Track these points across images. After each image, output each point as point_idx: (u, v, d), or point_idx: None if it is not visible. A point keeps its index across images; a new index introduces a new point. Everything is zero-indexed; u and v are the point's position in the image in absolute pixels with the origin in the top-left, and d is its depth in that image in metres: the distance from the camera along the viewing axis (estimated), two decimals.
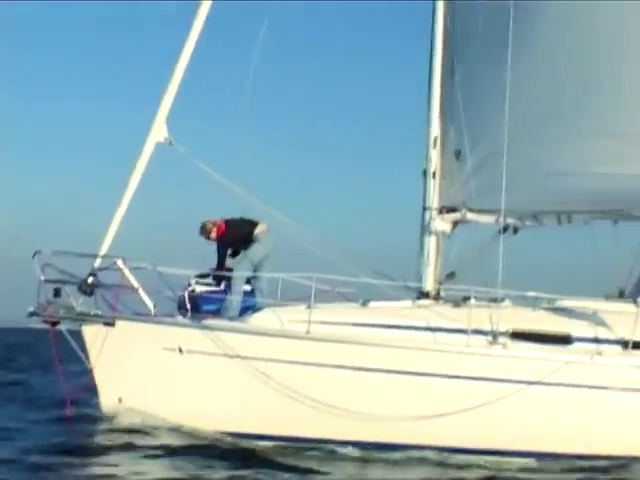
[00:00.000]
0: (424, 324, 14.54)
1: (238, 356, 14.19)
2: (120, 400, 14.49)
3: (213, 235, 15.45)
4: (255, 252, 15.34)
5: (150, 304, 14.62)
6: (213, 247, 15.58)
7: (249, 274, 15.24)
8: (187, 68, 15.18)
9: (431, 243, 16.00)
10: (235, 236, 15.40)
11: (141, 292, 14.63)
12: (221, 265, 15.31)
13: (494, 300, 15.00)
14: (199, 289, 15.05)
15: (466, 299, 15.24)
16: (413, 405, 14.09)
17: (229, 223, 15.51)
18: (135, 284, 14.62)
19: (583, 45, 15.43)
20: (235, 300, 14.95)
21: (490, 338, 14.46)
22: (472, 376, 14.14)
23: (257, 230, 15.43)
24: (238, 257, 15.41)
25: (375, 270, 15.80)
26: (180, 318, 14.61)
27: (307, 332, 14.13)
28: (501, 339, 14.44)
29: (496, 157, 15.32)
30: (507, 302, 15.26)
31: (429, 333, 14.48)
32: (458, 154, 15.94)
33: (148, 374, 14.41)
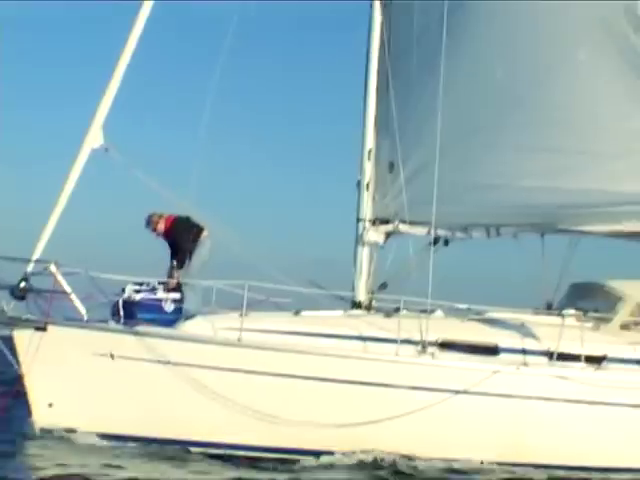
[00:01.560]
0: (355, 333, 14.73)
1: (169, 362, 14.28)
2: (51, 405, 14.51)
3: (160, 227, 15.55)
4: (201, 257, 15.48)
5: (82, 309, 14.66)
6: (150, 251, 15.61)
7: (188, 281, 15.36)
8: (126, 71, 15.17)
9: (364, 254, 16.25)
10: (183, 234, 15.50)
11: (73, 297, 14.67)
12: (176, 255, 15.42)
13: (425, 311, 15.25)
14: (136, 296, 15.12)
15: (397, 309, 15.50)
16: (344, 413, 14.26)
17: (179, 219, 15.60)
18: (68, 289, 14.65)
19: (506, 61, 15.76)
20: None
21: (419, 348, 14.70)
22: (401, 385, 14.36)
23: (204, 234, 15.58)
24: (187, 265, 15.48)
25: (309, 279, 16.00)
26: (112, 323, 14.68)
27: (239, 339, 14.26)
28: (430, 349, 14.69)
29: (427, 169, 15.58)
30: (439, 313, 15.52)
31: (359, 342, 14.68)
32: (391, 166, 16.18)
33: (80, 379, 14.43)
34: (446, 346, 14.79)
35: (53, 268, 14.66)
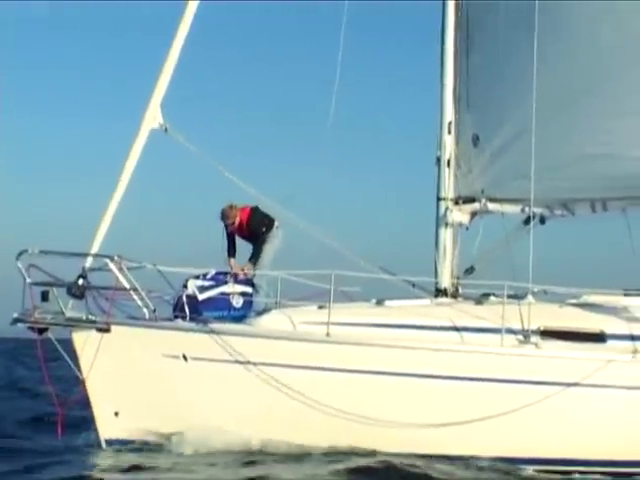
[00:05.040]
0: (448, 324, 13.37)
1: (249, 362, 12.91)
2: (117, 414, 13.12)
3: (237, 220, 14.27)
4: (274, 248, 14.19)
5: (150, 307, 13.24)
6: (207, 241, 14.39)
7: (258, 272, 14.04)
8: (183, 49, 13.89)
9: (447, 236, 14.87)
10: (258, 225, 14.27)
11: (138, 294, 13.22)
12: (231, 252, 14.32)
13: (516, 296, 13.91)
14: (201, 291, 13.71)
15: (485, 295, 14.19)
16: (443, 412, 12.91)
17: (255, 210, 14.33)
18: (130, 285, 13.20)
19: (611, 24, 14.31)
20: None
21: (521, 337, 13.35)
22: (506, 379, 13.01)
23: (276, 224, 14.29)
24: (260, 256, 14.20)
25: (380, 266, 14.67)
26: (183, 322, 13.24)
27: (327, 335, 12.89)
28: (533, 338, 13.37)
29: (520, 141, 14.22)
30: (530, 298, 14.16)
31: (455, 333, 13.32)
32: (476, 139, 14.79)
33: (149, 384, 13.05)
34: (548, 334, 13.46)
35: (111, 264, 13.24)
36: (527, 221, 14.58)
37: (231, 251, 14.56)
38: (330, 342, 12.86)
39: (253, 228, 14.25)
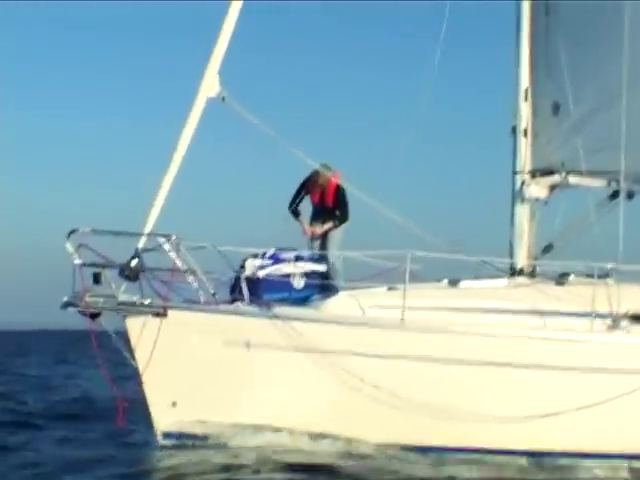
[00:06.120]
0: (530, 307, 12.37)
1: (316, 350, 11.97)
2: (174, 404, 12.24)
3: (328, 184, 13.38)
4: (345, 229, 13.30)
5: (208, 290, 12.30)
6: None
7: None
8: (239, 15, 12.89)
9: (524, 212, 13.83)
10: (342, 198, 13.42)
11: (196, 276, 12.28)
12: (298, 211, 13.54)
13: (600, 277, 12.84)
14: (261, 272, 12.76)
15: (565, 275, 13.18)
16: (530, 403, 11.96)
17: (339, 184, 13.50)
18: (188, 267, 12.25)
19: None
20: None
21: (609, 322, 12.34)
22: (595, 367, 12.01)
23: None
24: (334, 234, 13.30)
25: (451, 245, 13.67)
26: (245, 306, 12.31)
27: (402, 320, 11.93)
28: (622, 322, 12.36)
29: (608, 109, 13.12)
30: (611, 280, 13.12)
31: (537, 317, 12.32)
32: (556, 107, 13.70)
33: (208, 373, 12.16)
34: (639, 319, 12.44)
35: (166, 244, 12.29)
36: (613, 196, 13.54)
37: (298, 210, 13.68)
38: (405, 329, 11.92)
39: (338, 199, 13.41)
